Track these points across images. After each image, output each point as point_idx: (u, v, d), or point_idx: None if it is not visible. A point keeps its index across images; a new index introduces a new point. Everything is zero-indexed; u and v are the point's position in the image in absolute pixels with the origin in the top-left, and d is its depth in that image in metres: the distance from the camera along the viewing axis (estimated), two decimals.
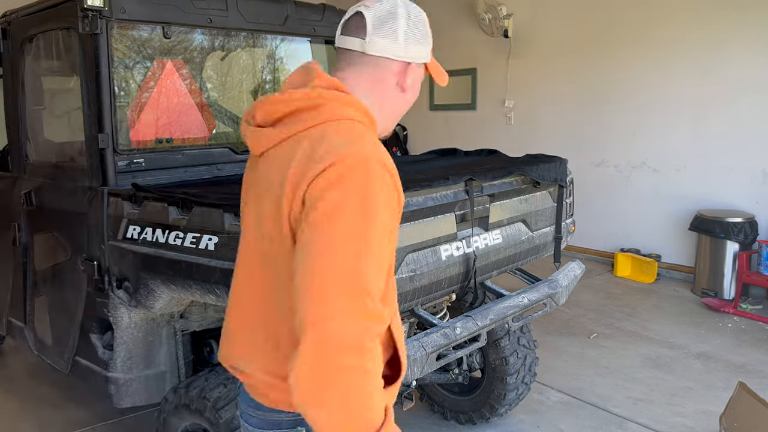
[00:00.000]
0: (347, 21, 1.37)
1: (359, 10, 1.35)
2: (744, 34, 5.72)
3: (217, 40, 3.25)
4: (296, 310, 1.11)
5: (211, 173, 3.07)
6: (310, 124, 1.24)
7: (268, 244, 1.27)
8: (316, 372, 1.07)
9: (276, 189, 1.22)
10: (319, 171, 1.14)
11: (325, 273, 1.09)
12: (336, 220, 1.11)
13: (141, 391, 2.84)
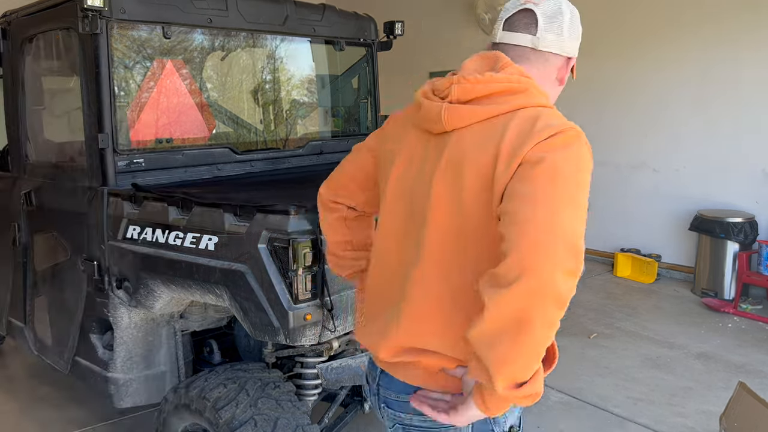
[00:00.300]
0: (512, 17, 1.41)
1: (527, 6, 1.40)
2: (745, 34, 5.72)
3: (217, 40, 3.25)
4: (509, 254, 1.13)
5: (211, 173, 3.07)
6: (517, 105, 1.30)
7: (461, 215, 1.29)
8: (521, 314, 1.11)
9: (483, 158, 1.27)
10: (544, 137, 1.22)
11: (548, 226, 1.13)
12: (556, 180, 1.18)
13: (141, 391, 2.84)
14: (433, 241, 1.33)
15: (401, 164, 1.43)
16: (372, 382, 1.53)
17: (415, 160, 1.41)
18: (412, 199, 1.38)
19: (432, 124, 1.37)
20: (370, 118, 3.98)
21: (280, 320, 2.09)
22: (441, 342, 1.33)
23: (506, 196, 1.21)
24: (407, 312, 1.35)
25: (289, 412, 2.39)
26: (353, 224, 1.66)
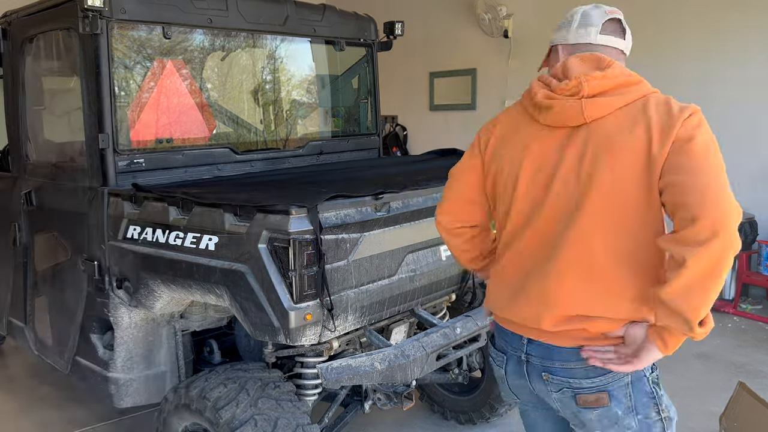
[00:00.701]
0: (606, 24, 1.68)
1: (616, 16, 1.70)
2: (744, 34, 5.73)
3: (217, 41, 3.26)
4: (699, 218, 1.36)
5: (212, 173, 3.08)
6: (640, 94, 1.56)
7: (619, 190, 1.52)
8: (715, 266, 1.38)
9: (633, 139, 1.51)
10: (685, 117, 1.50)
11: (723, 192, 1.40)
12: (709, 153, 1.47)
13: (141, 391, 2.84)
14: (589, 218, 1.54)
15: (533, 161, 1.63)
16: (515, 353, 1.72)
17: (550, 153, 1.61)
18: (558, 186, 1.58)
19: (569, 119, 1.58)
20: (370, 118, 3.98)
21: (280, 320, 2.09)
22: (605, 307, 1.55)
23: (668, 170, 1.46)
24: (569, 284, 1.57)
25: (289, 411, 2.39)
26: (478, 240, 1.89)
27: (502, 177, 1.71)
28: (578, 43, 1.70)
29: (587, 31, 1.69)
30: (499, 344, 1.79)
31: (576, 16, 1.73)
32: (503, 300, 1.71)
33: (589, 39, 1.69)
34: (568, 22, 1.73)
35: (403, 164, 3.62)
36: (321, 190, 2.28)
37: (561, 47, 1.73)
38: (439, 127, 8.82)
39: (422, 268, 2.44)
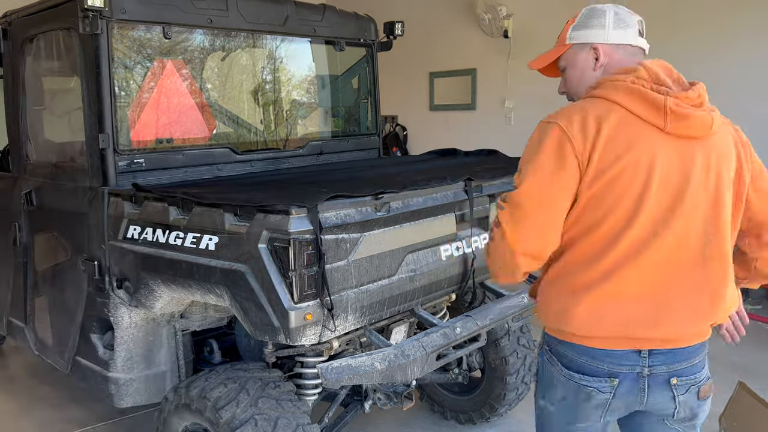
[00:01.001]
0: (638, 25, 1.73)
1: (641, 19, 1.76)
2: (744, 33, 5.73)
3: (217, 41, 3.26)
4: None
5: (212, 173, 3.08)
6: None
7: (728, 198, 1.63)
8: None
9: (732, 156, 1.64)
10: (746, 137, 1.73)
11: None
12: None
13: (141, 390, 2.84)
14: (723, 227, 1.62)
15: (663, 171, 1.56)
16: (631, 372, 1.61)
17: (681, 163, 1.58)
18: (693, 197, 1.57)
19: (699, 131, 1.59)
20: (370, 118, 3.98)
21: (280, 320, 2.09)
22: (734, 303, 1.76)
23: (757, 179, 1.70)
24: (723, 291, 1.63)
25: (290, 411, 2.40)
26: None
27: (618, 187, 1.54)
28: (619, 44, 1.69)
29: (626, 33, 1.69)
30: (604, 369, 1.61)
31: (608, 16, 1.70)
32: (640, 318, 1.57)
33: (629, 40, 1.70)
34: (601, 22, 1.70)
35: (403, 164, 3.62)
36: (321, 190, 2.28)
37: (601, 47, 1.69)
38: (439, 127, 8.82)
39: (422, 268, 2.44)
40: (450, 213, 2.55)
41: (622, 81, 1.60)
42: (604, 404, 1.64)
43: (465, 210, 2.61)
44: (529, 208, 1.57)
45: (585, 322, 1.58)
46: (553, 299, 1.64)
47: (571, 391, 1.66)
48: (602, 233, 1.56)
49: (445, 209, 2.53)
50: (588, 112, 1.58)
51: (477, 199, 2.65)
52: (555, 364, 1.69)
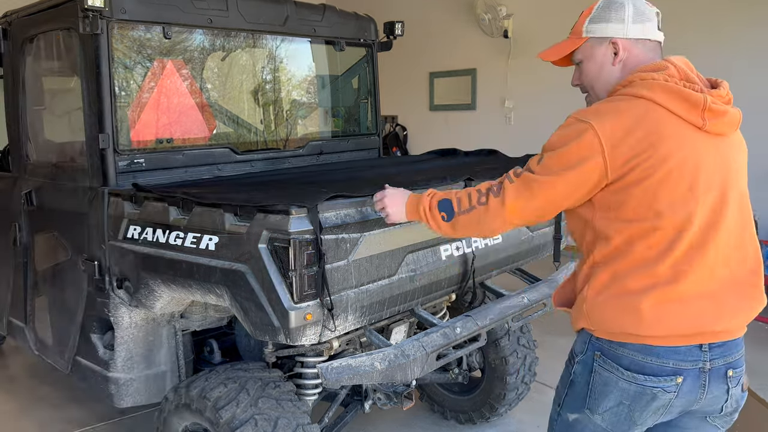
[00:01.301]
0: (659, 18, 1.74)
1: (659, 11, 1.75)
2: (743, 33, 5.73)
3: (217, 41, 3.26)
4: None
5: (212, 173, 3.08)
6: None
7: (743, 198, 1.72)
8: None
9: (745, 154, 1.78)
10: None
11: None
12: None
13: (141, 390, 2.84)
14: (749, 218, 1.72)
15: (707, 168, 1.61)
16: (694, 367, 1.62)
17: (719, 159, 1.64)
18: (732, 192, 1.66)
19: (732, 127, 1.69)
20: (370, 118, 3.99)
21: (280, 320, 2.09)
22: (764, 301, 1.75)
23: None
24: (759, 284, 1.69)
25: (290, 411, 2.40)
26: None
27: (667, 189, 1.56)
28: (639, 39, 1.70)
29: (645, 27, 1.69)
30: (669, 367, 1.61)
31: (628, 10, 1.69)
32: (703, 314, 1.60)
33: (648, 35, 1.71)
34: (620, 15, 1.68)
35: (403, 164, 3.62)
36: (321, 190, 2.28)
37: (621, 42, 1.69)
38: (439, 127, 8.82)
39: (422, 268, 2.44)
40: None
41: (657, 79, 1.61)
42: (666, 404, 1.64)
43: None
44: (537, 190, 1.64)
45: (651, 322, 1.58)
46: (609, 303, 1.63)
47: (631, 395, 1.64)
48: (658, 237, 1.58)
49: None
50: (624, 113, 1.58)
51: None
52: (613, 368, 1.65)
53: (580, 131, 1.59)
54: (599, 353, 1.68)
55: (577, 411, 1.74)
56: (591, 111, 1.63)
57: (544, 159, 1.65)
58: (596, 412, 1.70)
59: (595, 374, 1.69)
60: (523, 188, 1.65)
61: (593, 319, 1.67)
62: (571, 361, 1.78)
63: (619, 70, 1.72)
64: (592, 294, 1.67)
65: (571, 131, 1.61)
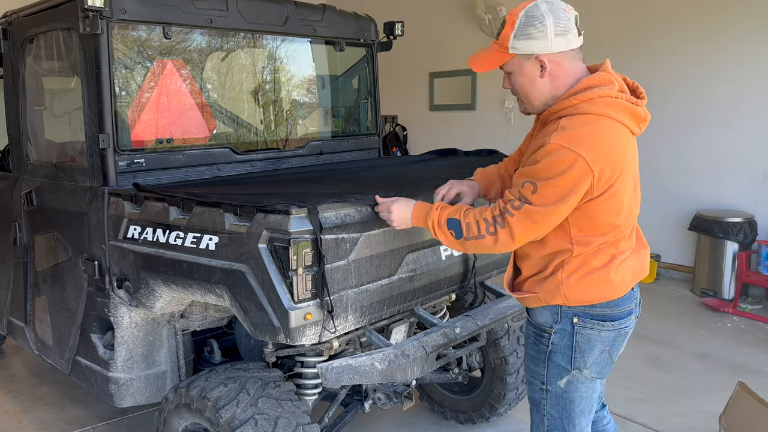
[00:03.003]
0: (577, 22, 1.89)
1: (576, 14, 1.89)
2: (743, 32, 5.73)
3: (217, 41, 3.26)
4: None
5: (212, 173, 3.08)
6: None
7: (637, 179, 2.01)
8: None
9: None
10: None
11: None
12: None
13: (141, 390, 2.85)
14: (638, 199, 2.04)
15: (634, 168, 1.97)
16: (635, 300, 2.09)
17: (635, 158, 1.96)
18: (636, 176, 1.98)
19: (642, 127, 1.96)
20: (370, 118, 3.99)
21: (280, 320, 2.09)
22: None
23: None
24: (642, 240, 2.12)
25: (290, 411, 2.40)
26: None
27: (620, 191, 1.87)
28: (563, 51, 1.87)
29: (568, 39, 1.86)
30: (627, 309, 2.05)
31: (548, 24, 1.82)
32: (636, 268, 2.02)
33: (571, 46, 1.87)
34: (542, 31, 1.83)
35: (403, 164, 3.62)
36: (321, 191, 2.28)
37: (545, 57, 1.87)
38: (439, 127, 8.83)
39: (422, 268, 2.44)
40: None
41: (613, 98, 1.83)
42: (627, 336, 2.05)
43: None
44: (541, 221, 1.85)
45: (618, 285, 1.95)
46: (583, 281, 1.93)
47: (611, 340, 1.99)
48: (614, 228, 1.92)
49: None
50: (601, 138, 1.81)
51: (477, 199, 2.65)
52: (595, 325, 1.96)
53: (571, 161, 1.76)
54: (577, 318, 1.97)
55: (564, 374, 2.01)
56: (574, 138, 1.78)
57: (538, 189, 1.81)
58: (585, 368, 1.99)
59: (577, 336, 1.97)
60: (526, 220, 1.85)
61: (570, 296, 1.94)
62: (542, 336, 2.03)
63: (548, 82, 1.89)
64: (565, 277, 1.94)
65: (561, 161, 1.77)
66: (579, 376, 1.99)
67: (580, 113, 1.82)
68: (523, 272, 2.07)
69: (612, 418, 2.41)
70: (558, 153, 1.76)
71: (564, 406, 2.04)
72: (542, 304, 2.00)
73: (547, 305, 1.99)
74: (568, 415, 2.05)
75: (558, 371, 2.01)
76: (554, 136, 1.78)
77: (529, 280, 2.03)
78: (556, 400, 2.04)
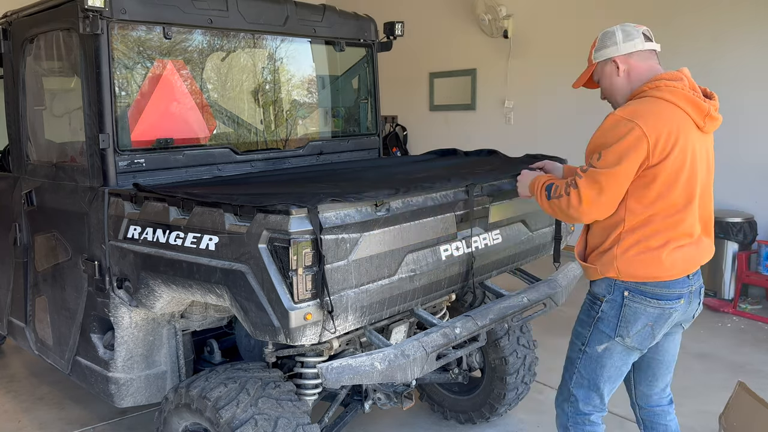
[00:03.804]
0: (648, 32, 2.31)
1: (647, 28, 2.32)
2: (742, 31, 5.73)
3: (217, 41, 3.26)
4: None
5: (212, 174, 3.08)
6: None
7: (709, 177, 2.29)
8: None
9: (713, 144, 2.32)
10: None
11: None
12: None
13: (141, 390, 2.85)
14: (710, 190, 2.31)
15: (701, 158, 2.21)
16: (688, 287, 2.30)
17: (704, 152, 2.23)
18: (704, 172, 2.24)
19: (715, 129, 2.25)
20: (370, 119, 3.99)
21: (280, 320, 2.10)
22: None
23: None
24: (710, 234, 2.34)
25: (290, 411, 2.40)
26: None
27: (681, 173, 2.13)
28: (631, 52, 2.27)
29: (634, 42, 2.27)
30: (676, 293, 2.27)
31: (618, 35, 2.28)
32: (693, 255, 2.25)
33: (637, 47, 2.27)
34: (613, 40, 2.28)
35: (403, 164, 3.62)
36: (321, 191, 2.28)
37: (617, 59, 2.27)
38: (439, 127, 8.83)
39: (422, 268, 2.44)
40: (450, 213, 2.56)
41: (678, 88, 2.15)
42: (673, 319, 2.28)
43: (465, 210, 2.61)
44: (604, 182, 2.12)
45: (667, 267, 2.19)
46: (637, 258, 2.20)
47: (654, 317, 2.24)
48: (673, 210, 2.16)
49: (446, 209, 2.53)
50: (658, 114, 2.11)
51: (477, 200, 2.65)
52: (642, 300, 2.22)
53: (628, 129, 2.08)
54: (627, 291, 2.23)
55: (605, 341, 2.30)
56: (632, 112, 2.11)
57: (602, 155, 2.12)
58: (627, 336, 2.26)
59: (625, 307, 2.24)
60: (591, 182, 2.14)
61: (622, 270, 2.21)
62: (595, 304, 2.32)
63: (624, 79, 2.28)
64: (620, 252, 2.21)
65: (620, 130, 2.10)
66: (619, 345, 2.28)
67: (644, 97, 2.18)
68: (588, 243, 2.37)
69: (676, 417, 2.71)
70: (617, 123, 2.11)
71: (594, 369, 2.34)
72: (599, 276, 2.28)
73: (604, 277, 2.26)
74: (596, 378, 2.35)
75: (600, 337, 2.30)
76: (616, 111, 2.15)
77: (592, 254, 2.33)
78: (590, 362, 2.35)
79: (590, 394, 2.38)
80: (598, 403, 2.39)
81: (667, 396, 2.69)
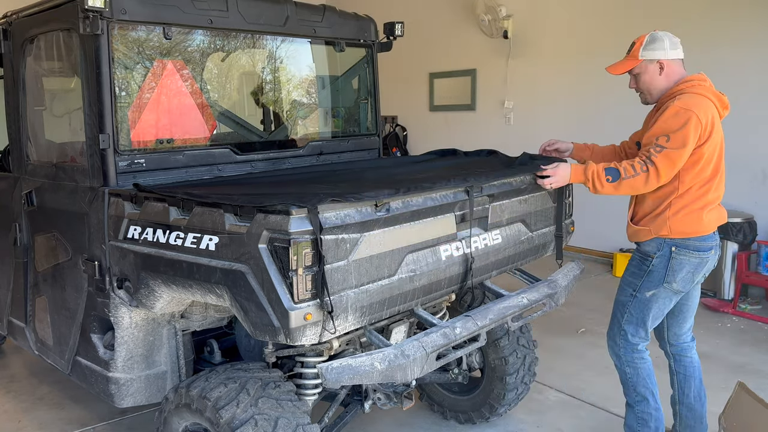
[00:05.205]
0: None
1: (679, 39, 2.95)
2: (739, 32, 5.73)
3: (217, 41, 3.26)
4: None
5: (212, 174, 3.08)
6: None
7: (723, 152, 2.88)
8: None
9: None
10: None
11: None
12: None
13: (142, 390, 2.85)
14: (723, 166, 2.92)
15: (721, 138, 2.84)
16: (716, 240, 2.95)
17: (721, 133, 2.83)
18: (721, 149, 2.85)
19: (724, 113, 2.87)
20: (370, 119, 3.99)
21: (280, 320, 2.10)
22: None
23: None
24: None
25: (290, 411, 2.40)
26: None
27: (714, 151, 2.76)
28: (674, 59, 2.85)
29: (677, 51, 2.85)
30: (711, 245, 2.88)
31: (666, 42, 2.82)
32: (721, 214, 2.89)
33: (679, 56, 2.87)
34: (662, 45, 2.81)
35: (403, 164, 3.62)
36: (321, 191, 2.28)
37: (664, 61, 2.83)
38: (439, 127, 8.83)
39: (422, 268, 2.44)
40: (450, 213, 2.56)
41: (707, 86, 2.79)
42: (708, 266, 2.88)
43: (465, 210, 2.61)
44: (675, 159, 2.68)
45: (706, 224, 2.81)
46: (685, 218, 2.79)
47: (695, 265, 2.83)
48: (709, 178, 2.79)
49: (445, 209, 2.53)
50: (704, 106, 2.71)
51: (477, 200, 2.66)
52: (687, 253, 2.81)
53: (689, 117, 2.66)
54: (674, 247, 2.81)
55: (654, 287, 2.86)
56: (686, 104, 2.69)
57: (671, 138, 2.67)
58: (673, 282, 2.84)
59: (673, 260, 2.82)
60: (666, 159, 2.68)
61: (673, 228, 2.80)
62: (647, 259, 2.87)
63: (664, 78, 2.85)
64: (671, 214, 2.80)
65: (683, 117, 2.66)
66: (666, 290, 2.86)
67: (686, 93, 2.75)
68: (639, 213, 2.91)
69: (696, 353, 3.21)
70: (680, 112, 2.67)
71: (642, 310, 2.91)
72: (652, 236, 2.83)
73: (655, 237, 2.82)
74: (644, 316, 2.92)
75: (650, 285, 2.86)
76: (675, 102, 2.70)
77: (644, 219, 2.87)
78: (639, 305, 2.91)
79: (638, 329, 2.94)
80: (644, 335, 2.97)
81: (691, 335, 3.19)
